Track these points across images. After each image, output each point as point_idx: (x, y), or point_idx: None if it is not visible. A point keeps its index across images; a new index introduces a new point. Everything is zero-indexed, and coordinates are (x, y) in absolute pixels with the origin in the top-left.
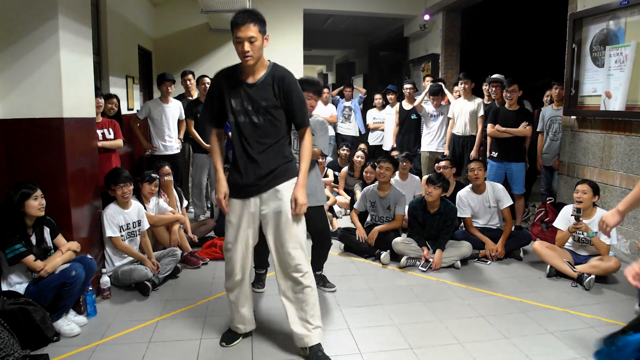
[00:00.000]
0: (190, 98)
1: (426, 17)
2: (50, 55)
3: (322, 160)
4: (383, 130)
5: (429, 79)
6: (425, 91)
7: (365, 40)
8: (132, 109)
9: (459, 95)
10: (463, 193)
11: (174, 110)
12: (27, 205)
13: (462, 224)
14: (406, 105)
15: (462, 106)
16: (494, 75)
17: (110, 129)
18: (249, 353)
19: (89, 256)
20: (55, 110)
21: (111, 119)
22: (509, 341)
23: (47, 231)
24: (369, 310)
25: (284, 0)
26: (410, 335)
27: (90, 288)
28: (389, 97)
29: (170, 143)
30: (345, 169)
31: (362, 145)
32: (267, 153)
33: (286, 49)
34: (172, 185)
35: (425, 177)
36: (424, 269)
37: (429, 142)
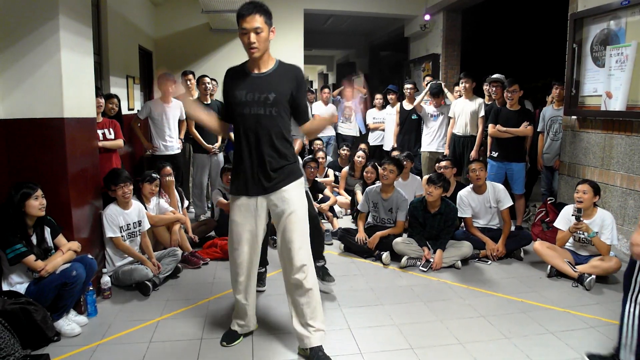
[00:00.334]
0: (190, 98)
1: (427, 17)
2: (51, 55)
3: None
4: (383, 130)
5: (428, 78)
6: (425, 91)
7: (366, 40)
8: (133, 109)
9: (460, 95)
10: (464, 193)
11: (174, 110)
12: (28, 205)
13: (463, 224)
14: (407, 105)
15: (463, 106)
16: (495, 75)
17: (110, 129)
18: (249, 353)
19: (89, 256)
20: (55, 110)
21: (112, 119)
22: (509, 341)
23: (48, 231)
24: (369, 310)
25: (285, 0)
26: (410, 335)
27: (90, 288)
28: (389, 97)
29: (171, 143)
30: (345, 169)
31: (363, 145)
32: (271, 148)
33: (286, 49)
34: (174, 186)
35: (425, 177)
36: (425, 269)
37: (429, 142)
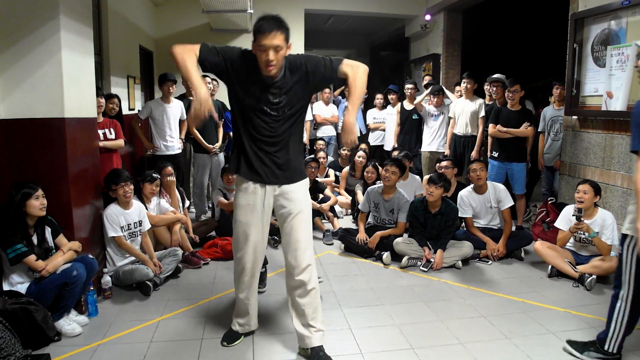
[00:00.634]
0: (191, 98)
1: (427, 17)
2: (52, 55)
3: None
4: (384, 130)
5: (427, 78)
6: (427, 92)
7: (367, 40)
8: (133, 109)
9: (461, 95)
10: (464, 193)
11: (175, 110)
12: (29, 205)
13: (464, 224)
14: (407, 106)
15: (464, 106)
16: (495, 75)
17: (111, 129)
18: (250, 353)
19: (90, 256)
20: (56, 110)
21: (112, 119)
22: (510, 341)
23: (49, 231)
24: (370, 310)
25: (285, 0)
26: (411, 335)
27: (91, 288)
28: (390, 97)
29: (172, 143)
30: (346, 169)
31: (363, 145)
32: (280, 152)
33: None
34: (175, 186)
35: (426, 177)
36: (425, 269)
37: (430, 142)
